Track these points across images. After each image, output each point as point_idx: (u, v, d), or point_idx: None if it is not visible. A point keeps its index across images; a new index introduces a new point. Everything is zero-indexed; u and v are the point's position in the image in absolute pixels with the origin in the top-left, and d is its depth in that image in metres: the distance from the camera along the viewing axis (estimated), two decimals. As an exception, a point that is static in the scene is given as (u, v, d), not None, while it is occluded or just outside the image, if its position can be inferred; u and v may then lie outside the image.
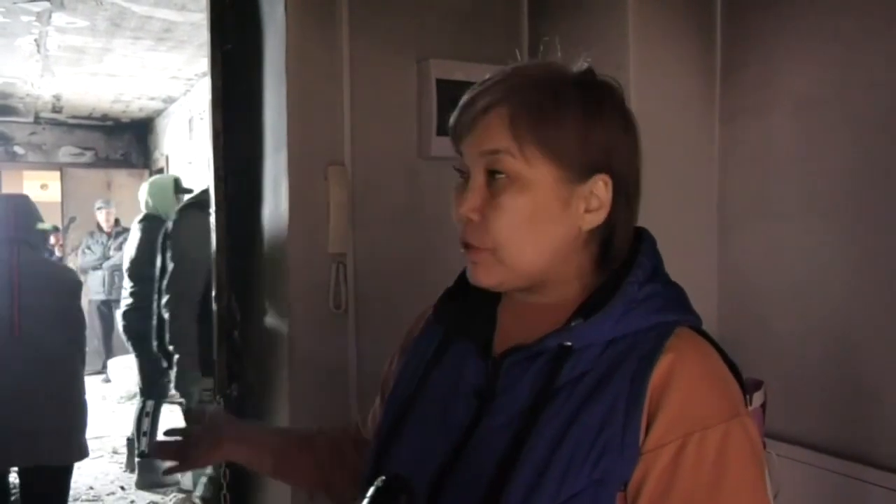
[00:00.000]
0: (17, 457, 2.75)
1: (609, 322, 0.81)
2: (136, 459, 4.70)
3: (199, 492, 4.15)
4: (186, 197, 4.04)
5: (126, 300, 4.71)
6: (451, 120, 0.88)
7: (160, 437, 1.10)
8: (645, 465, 0.75)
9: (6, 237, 2.76)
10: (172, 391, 6.36)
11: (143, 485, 4.63)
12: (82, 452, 2.93)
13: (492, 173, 0.83)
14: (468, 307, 0.94)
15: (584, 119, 0.83)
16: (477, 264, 0.85)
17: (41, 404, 2.71)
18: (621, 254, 0.87)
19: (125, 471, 4.92)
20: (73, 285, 2.97)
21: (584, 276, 0.88)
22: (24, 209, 2.88)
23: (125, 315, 4.71)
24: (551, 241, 0.84)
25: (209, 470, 2.89)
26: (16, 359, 2.67)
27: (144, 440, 4.63)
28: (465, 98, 0.87)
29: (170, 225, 3.63)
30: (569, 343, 0.82)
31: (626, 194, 0.86)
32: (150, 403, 4.63)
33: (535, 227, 0.82)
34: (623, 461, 0.75)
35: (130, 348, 4.84)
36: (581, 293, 0.87)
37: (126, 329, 4.71)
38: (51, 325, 2.78)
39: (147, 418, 4.62)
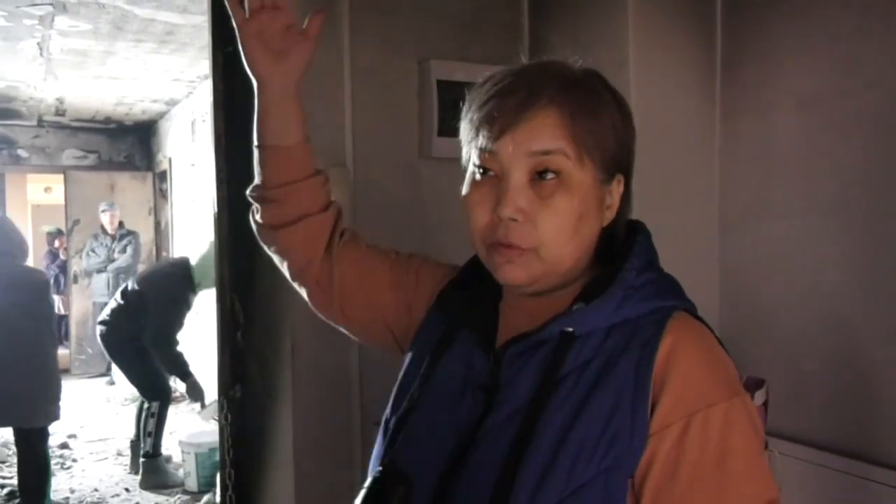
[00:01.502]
0: None
1: (610, 307, 0.83)
2: (141, 460, 4.70)
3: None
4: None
5: (104, 315, 4.65)
6: (479, 117, 0.84)
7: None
8: (652, 447, 0.76)
9: None
10: (178, 392, 6.38)
11: (146, 486, 4.63)
12: (50, 417, 3.68)
13: (539, 173, 0.82)
14: (472, 300, 0.94)
15: (619, 120, 0.86)
16: (513, 263, 0.83)
17: (13, 374, 3.47)
18: (618, 246, 0.89)
19: (129, 472, 4.93)
20: (41, 285, 3.77)
21: (588, 270, 0.89)
22: (4, 229, 3.69)
23: (100, 326, 4.64)
24: (588, 239, 0.86)
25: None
26: None
27: (149, 440, 4.63)
28: (493, 95, 0.84)
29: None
30: (571, 329, 0.83)
31: (629, 190, 0.89)
32: (155, 404, 4.63)
33: (580, 227, 0.83)
34: (633, 447, 0.77)
35: (112, 362, 4.84)
36: (582, 286, 0.88)
37: (104, 342, 4.65)
38: (23, 316, 3.54)
39: (153, 419, 4.61)
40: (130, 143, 9.03)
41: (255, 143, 1.05)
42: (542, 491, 0.76)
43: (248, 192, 1.09)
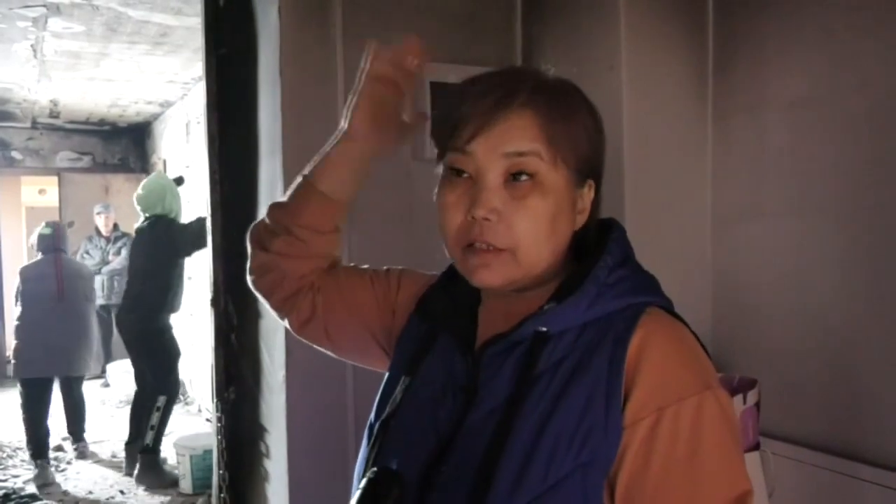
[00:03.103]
0: (56, 369, 5.10)
1: (582, 305, 0.84)
2: (139, 455, 4.68)
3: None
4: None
5: (122, 301, 4.97)
6: (454, 118, 0.86)
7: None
8: (624, 441, 0.77)
9: (54, 247, 5.17)
10: (187, 394, 6.36)
11: (142, 482, 4.61)
12: (89, 369, 5.35)
13: (514, 175, 0.83)
14: (452, 304, 0.95)
15: (592, 125, 0.87)
16: (489, 266, 0.84)
17: (74, 337, 5.10)
18: (592, 245, 0.90)
19: (124, 475, 4.91)
20: (89, 275, 5.54)
21: (563, 270, 0.90)
22: (62, 232, 5.36)
23: (118, 316, 4.89)
24: (561, 241, 0.87)
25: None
26: (61, 311, 5.05)
27: (151, 434, 4.61)
28: (468, 97, 0.86)
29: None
30: (544, 328, 0.84)
31: (599, 196, 0.91)
32: (162, 398, 4.63)
33: (553, 228, 0.84)
34: (608, 442, 0.77)
35: (126, 350, 4.91)
36: (557, 285, 0.89)
37: (120, 329, 4.85)
38: (78, 294, 5.19)
39: (157, 413, 4.59)
40: (125, 145, 9.01)
41: (308, 175, 1.05)
42: (521, 486, 0.77)
43: (270, 206, 1.10)
